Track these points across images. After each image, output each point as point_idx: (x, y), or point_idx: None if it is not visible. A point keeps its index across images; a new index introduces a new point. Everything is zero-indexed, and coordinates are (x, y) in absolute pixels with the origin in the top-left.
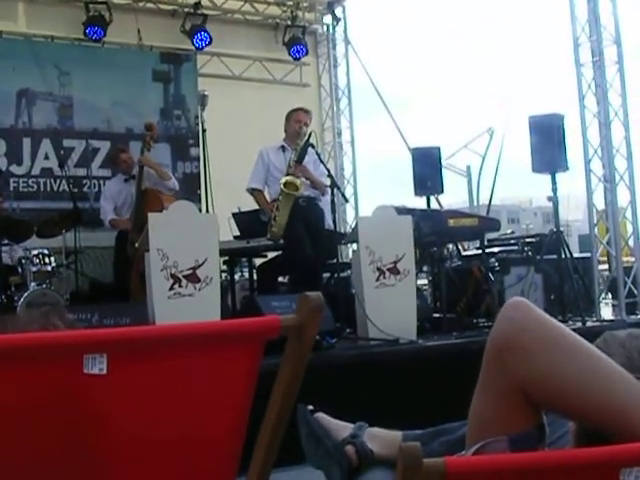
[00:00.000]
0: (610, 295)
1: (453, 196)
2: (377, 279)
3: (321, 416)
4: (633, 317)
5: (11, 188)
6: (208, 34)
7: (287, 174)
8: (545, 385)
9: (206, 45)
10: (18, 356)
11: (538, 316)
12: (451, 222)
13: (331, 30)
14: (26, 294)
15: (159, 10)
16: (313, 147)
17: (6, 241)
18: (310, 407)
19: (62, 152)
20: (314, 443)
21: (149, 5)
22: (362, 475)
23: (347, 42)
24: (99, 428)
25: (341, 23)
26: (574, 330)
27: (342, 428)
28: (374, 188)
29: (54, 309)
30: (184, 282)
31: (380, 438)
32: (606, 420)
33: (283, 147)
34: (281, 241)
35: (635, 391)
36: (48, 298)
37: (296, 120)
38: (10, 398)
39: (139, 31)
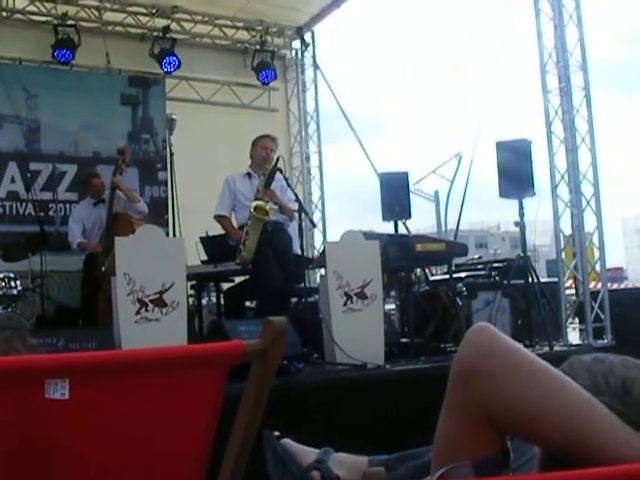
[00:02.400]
0: (577, 320)
1: (421, 221)
2: (345, 304)
3: (287, 442)
4: (600, 342)
5: None
6: (177, 58)
7: (256, 199)
8: (508, 410)
9: (175, 69)
10: None
11: (502, 341)
12: (419, 247)
13: (300, 55)
14: None
15: (128, 34)
16: (281, 172)
17: None
18: (276, 433)
19: (28, 175)
20: (280, 469)
21: (118, 28)
22: None
23: (316, 67)
24: (60, 453)
25: (310, 48)
26: (541, 355)
27: (308, 453)
28: (342, 213)
29: (16, 334)
30: (151, 306)
31: (346, 463)
32: (570, 445)
33: (249, 174)
34: (250, 266)
35: (599, 415)
36: (13, 322)
37: (262, 147)
38: None
39: (108, 54)
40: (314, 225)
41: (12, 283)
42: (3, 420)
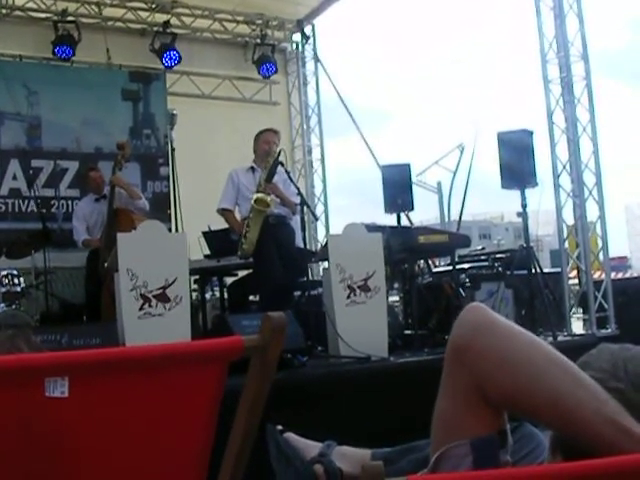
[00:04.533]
0: (581, 309)
1: (424, 213)
2: (348, 297)
3: (290, 436)
4: (603, 331)
5: None
6: (177, 53)
7: (258, 192)
8: (499, 384)
9: (175, 64)
10: None
11: (493, 318)
12: (422, 239)
13: (300, 48)
14: None
15: (128, 29)
16: (282, 165)
17: None
18: (279, 427)
19: (30, 172)
20: (283, 463)
21: (118, 24)
22: None
23: (317, 60)
24: (61, 451)
25: (310, 41)
26: None
27: (311, 447)
28: (345, 206)
29: (20, 332)
30: (154, 302)
31: (349, 457)
32: (556, 420)
33: (252, 168)
34: (251, 259)
35: (584, 392)
36: (18, 319)
37: (265, 141)
38: None
39: (108, 50)
40: (316, 218)
41: (15, 280)
42: (3, 419)
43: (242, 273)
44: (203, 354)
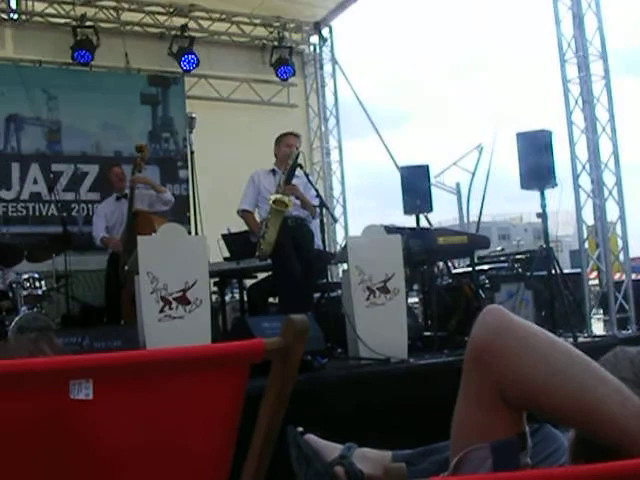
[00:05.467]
0: (601, 310)
1: (443, 214)
2: (367, 298)
3: (311, 437)
4: (624, 332)
5: (0, 213)
6: (195, 56)
7: (276, 192)
8: (518, 385)
9: (193, 67)
10: (4, 382)
11: (510, 318)
12: (441, 240)
13: (318, 50)
14: (17, 318)
15: (146, 33)
16: (301, 167)
17: None
18: (300, 429)
19: (51, 176)
20: (304, 465)
21: (136, 28)
22: None
23: (334, 62)
24: (85, 453)
25: (328, 43)
26: None
27: (332, 449)
28: (363, 207)
29: (43, 336)
30: (174, 304)
31: (370, 458)
32: (579, 415)
33: (274, 171)
34: (270, 261)
35: (606, 390)
36: (39, 322)
37: (286, 144)
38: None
39: (127, 54)
40: (335, 220)
41: (37, 283)
42: (29, 422)
43: (262, 275)
44: (225, 357)
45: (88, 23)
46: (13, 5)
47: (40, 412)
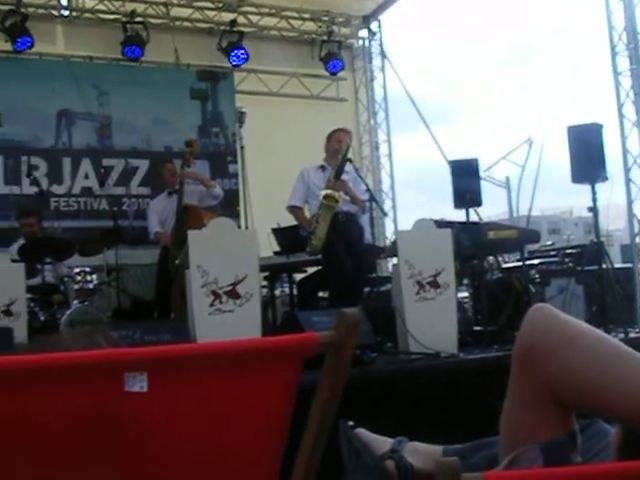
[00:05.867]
0: None
1: (492, 208)
2: (417, 293)
3: (361, 431)
4: None
5: (52, 207)
6: (245, 51)
7: (327, 188)
8: (568, 383)
9: (243, 62)
10: (60, 374)
11: (559, 317)
12: (491, 234)
13: (367, 44)
14: (69, 312)
15: (195, 28)
16: (351, 161)
17: (49, 260)
18: (351, 423)
19: (102, 171)
20: (354, 458)
21: (186, 24)
22: None
23: (383, 56)
24: (140, 446)
25: (377, 37)
26: None
27: (382, 443)
28: (413, 201)
29: (98, 328)
30: (224, 298)
31: (420, 453)
32: (631, 411)
33: (323, 167)
34: (320, 255)
35: None
36: (90, 316)
37: (336, 140)
38: (53, 416)
39: (176, 50)
40: (385, 214)
41: (88, 277)
42: (84, 414)
43: (312, 269)
44: (279, 350)
45: (138, 19)
46: (64, 2)
47: (95, 404)
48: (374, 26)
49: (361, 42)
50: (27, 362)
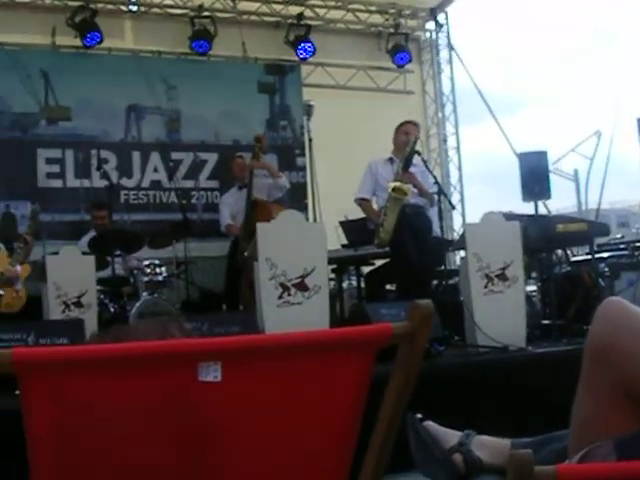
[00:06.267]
0: None
1: (561, 201)
2: (485, 286)
3: (429, 424)
4: None
5: (122, 201)
6: (312, 44)
7: (395, 180)
8: None
9: (310, 55)
10: (136, 364)
11: (631, 312)
12: (559, 227)
13: (434, 36)
14: (138, 304)
15: (263, 22)
16: (419, 154)
17: (118, 252)
18: (419, 415)
19: (171, 165)
20: (422, 451)
21: (253, 18)
22: None
23: (450, 48)
24: (213, 435)
25: (444, 29)
26: None
27: (450, 436)
28: (481, 194)
29: (173, 319)
30: (293, 291)
31: (488, 446)
32: None
33: (391, 159)
34: (388, 248)
35: None
36: (159, 308)
37: (405, 132)
38: (128, 405)
39: (244, 43)
40: (453, 207)
41: (157, 270)
42: (159, 404)
43: (379, 262)
44: (353, 341)
45: (205, 13)
46: None
47: (169, 393)
48: (441, 18)
49: (428, 34)
50: (103, 351)
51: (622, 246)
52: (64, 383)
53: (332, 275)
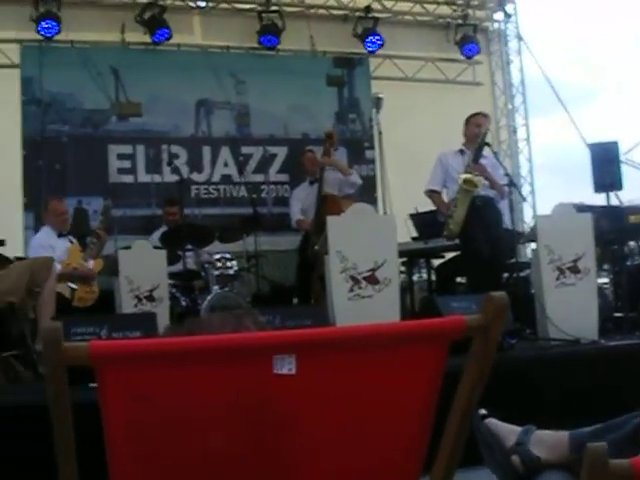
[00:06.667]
0: None
1: (633, 192)
2: (557, 278)
3: (490, 422)
4: None
5: (192, 195)
6: (380, 37)
7: (466, 172)
8: None
9: (378, 48)
10: (212, 356)
11: None
12: (632, 219)
13: (502, 27)
14: (209, 297)
15: (331, 16)
16: (489, 146)
17: (190, 246)
18: (482, 412)
19: (240, 159)
20: (486, 449)
21: (321, 11)
22: None
23: (519, 38)
24: (287, 427)
25: (513, 19)
26: None
27: (510, 433)
28: (551, 186)
29: (247, 312)
30: (363, 284)
31: (546, 442)
32: None
33: (462, 151)
34: (457, 240)
35: None
36: (230, 301)
37: (475, 124)
38: (204, 397)
39: (312, 37)
40: (524, 199)
41: (228, 263)
42: (234, 396)
43: (450, 255)
44: (426, 333)
45: (273, 8)
46: None
47: (244, 385)
48: (509, 8)
49: (497, 25)
50: (180, 344)
51: None
52: (141, 375)
53: (402, 268)
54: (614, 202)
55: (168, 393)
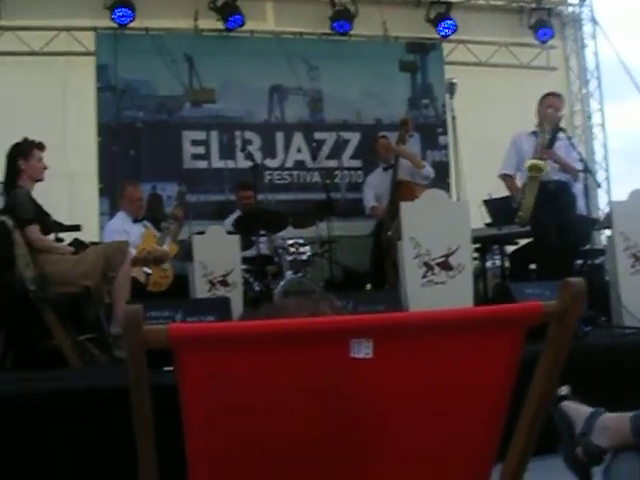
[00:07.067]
0: None
1: None
2: (632, 265)
3: (566, 405)
4: None
5: (266, 181)
6: (453, 22)
7: (533, 158)
8: None
9: (451, 33)
10: (289, 340)
11: None
12: None
13: (577, 11)
14: (282, 282)
15: (403, 1)
16: (564, 131)
17: (263, 232)
18: (562, 391)
19: (314, 145)
20: (560, 437)
21: None
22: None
23: (594, 22)
24: (363, 411)
25: (587, 2)
26: None
27: (578, 418)
28: (627, 171)
29: (324, 297)
30: (437, 270)
31: (610, 428)
32: None
33: (535, 132)
34: (527, 227)
35: None
36: (304, 286)
37: (548, 105)
38: (281, 381)
39: (384, 23)
40: (599, 185)
41: (301, 249)
42: (312, 380)
43: (524, 241)
44: (502, 319)
45: None
46: None
47: (321, 369)
48: None
49: (571, 9)
50: (258, 327)
51: None
52: (219, 357)
53: (475, 254)
54: None
55: (245, 375)
